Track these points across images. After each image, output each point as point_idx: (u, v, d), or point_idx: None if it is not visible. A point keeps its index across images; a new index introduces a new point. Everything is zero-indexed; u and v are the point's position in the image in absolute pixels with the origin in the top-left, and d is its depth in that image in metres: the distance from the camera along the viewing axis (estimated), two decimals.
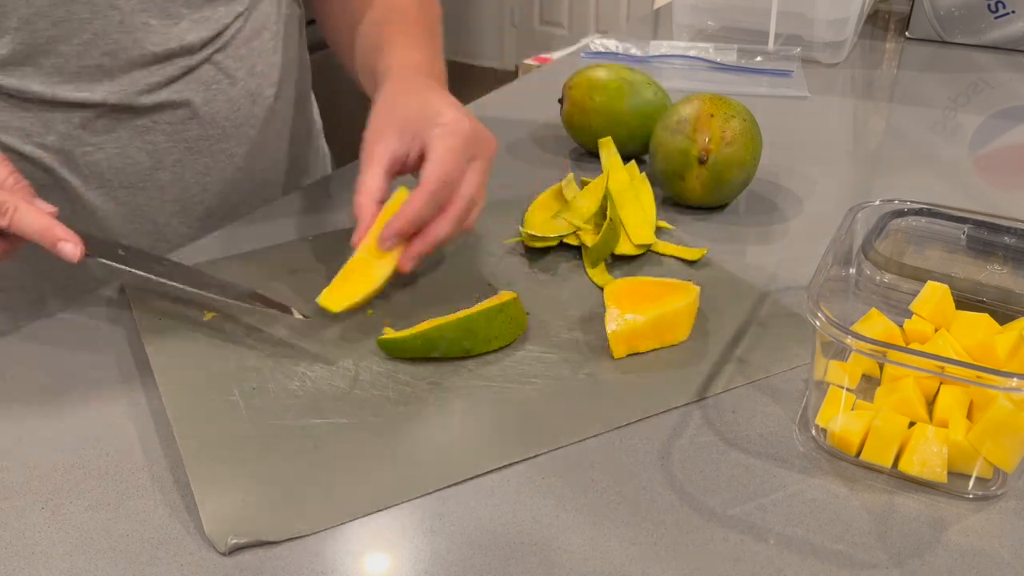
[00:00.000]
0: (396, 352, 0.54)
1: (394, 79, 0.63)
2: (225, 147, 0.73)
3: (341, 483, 0.45)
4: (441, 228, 0.56)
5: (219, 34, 0.69)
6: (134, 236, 0.71)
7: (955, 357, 0.47)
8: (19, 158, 0.65)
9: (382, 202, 0.57)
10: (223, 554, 0.41)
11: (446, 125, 0.57)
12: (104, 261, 0.55)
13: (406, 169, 0.60)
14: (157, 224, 0.71)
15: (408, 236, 0.56)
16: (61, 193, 0.67)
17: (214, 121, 0.71)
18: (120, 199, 0.69)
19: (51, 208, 0.55)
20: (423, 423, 0.49)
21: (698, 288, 0.56)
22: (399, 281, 0.61)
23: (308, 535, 0.42)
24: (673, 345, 0.55)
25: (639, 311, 0.54)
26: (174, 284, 0.56)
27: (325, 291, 0.55)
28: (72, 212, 0.68)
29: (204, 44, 0.68)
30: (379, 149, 0.58)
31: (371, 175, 0.57)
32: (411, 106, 0.60)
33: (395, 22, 0.71)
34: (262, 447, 0.47)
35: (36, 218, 0.53)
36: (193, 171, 0.71)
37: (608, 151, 0.73)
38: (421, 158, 0.58)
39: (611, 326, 0.53)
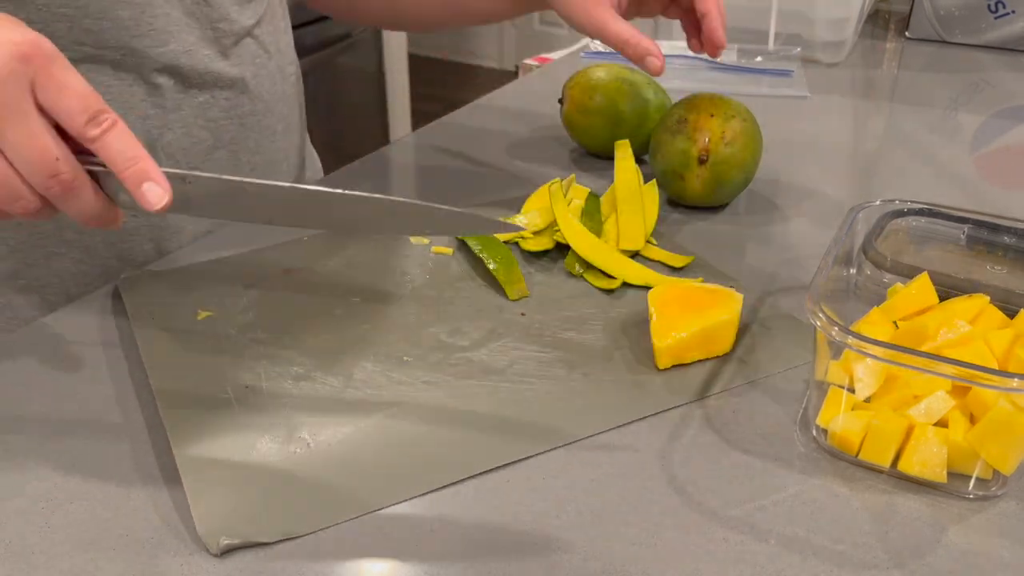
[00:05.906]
0: None
1: None
2: (269, 123, 0.75)
3: (334, 484, 0.45)
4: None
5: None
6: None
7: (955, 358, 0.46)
8: None
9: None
10: (215, 555, 0.41)
11: None
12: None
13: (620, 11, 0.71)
14: None
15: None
16: None
17: (260, 96, 0.73)
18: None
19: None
20: (417, 423, 0.49)
21: (741, 296, 0.55)
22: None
23: (301, 536, 0.42)
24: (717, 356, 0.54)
25: (685, 320, 0.52)
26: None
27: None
28: None
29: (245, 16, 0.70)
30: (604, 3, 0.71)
31: (617, 26, 0.71)
32: None
33: None
34: (255, 447, 0.47)
35: (130, 143, 0.44)
36: (245, 148, 0.73)
37: (624, 154, 0.71)
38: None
39: (659, 340, 0.52)
